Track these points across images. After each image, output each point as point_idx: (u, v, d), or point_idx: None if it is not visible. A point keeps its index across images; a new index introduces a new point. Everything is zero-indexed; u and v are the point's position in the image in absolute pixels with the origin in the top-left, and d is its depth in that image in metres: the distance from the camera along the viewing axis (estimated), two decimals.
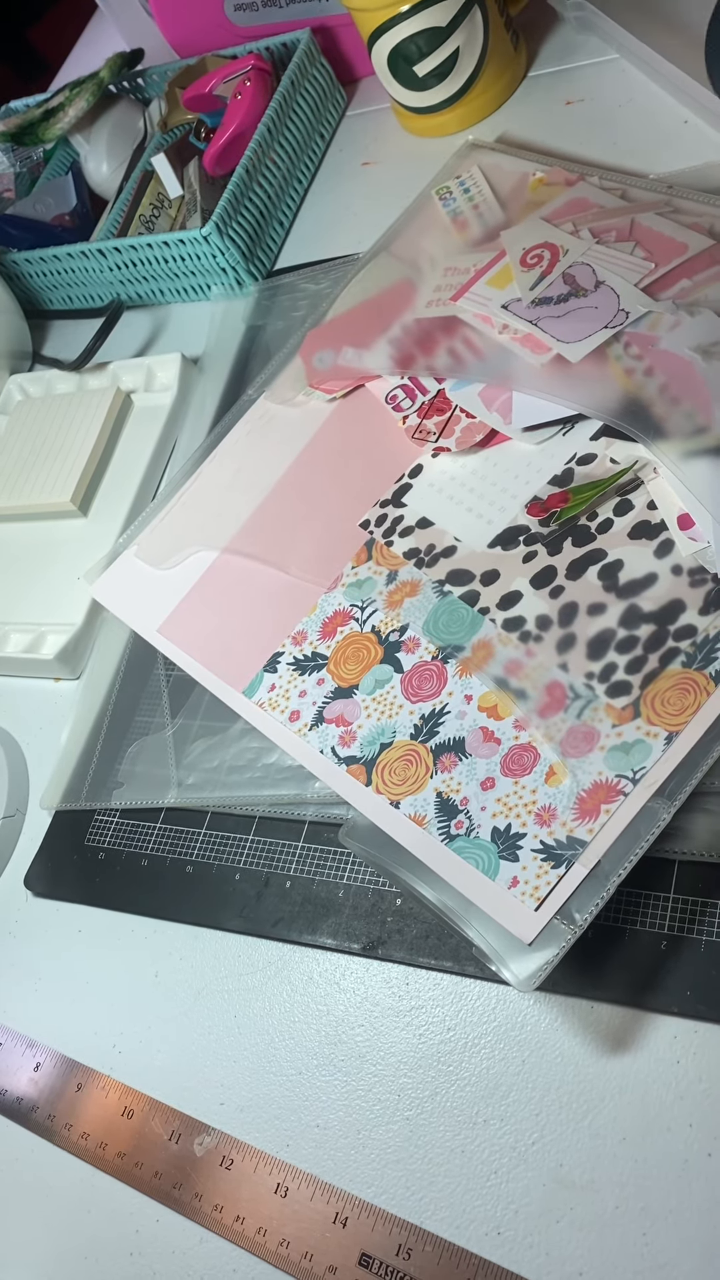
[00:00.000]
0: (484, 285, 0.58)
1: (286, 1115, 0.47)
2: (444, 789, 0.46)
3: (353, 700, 0.50)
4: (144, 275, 0.83)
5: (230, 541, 0.59)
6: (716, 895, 0.42)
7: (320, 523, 0.57)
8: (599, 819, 0.42)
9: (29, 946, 0.59)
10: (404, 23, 0.70)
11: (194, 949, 0.54)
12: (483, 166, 0.67)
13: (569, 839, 0.43)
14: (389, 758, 0.48)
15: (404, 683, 0.50)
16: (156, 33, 0.96)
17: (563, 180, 0.62)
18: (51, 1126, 0.52)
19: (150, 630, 0.59)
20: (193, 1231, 0.47)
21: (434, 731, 0.48)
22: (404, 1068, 0.46)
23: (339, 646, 0.52)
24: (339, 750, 0.49)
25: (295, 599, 0.55)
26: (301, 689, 0.52)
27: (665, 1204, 0.39)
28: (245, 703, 0.54)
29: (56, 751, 0.63)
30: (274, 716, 0.52)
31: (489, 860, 0.44)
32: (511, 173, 0.65)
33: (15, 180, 0.99)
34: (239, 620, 0.57)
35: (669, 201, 0.57)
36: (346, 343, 0.61)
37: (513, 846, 0.44)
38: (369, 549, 0.55)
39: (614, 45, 0.73)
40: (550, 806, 0.44)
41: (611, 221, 0.57)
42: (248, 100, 0.80)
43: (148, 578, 0.61)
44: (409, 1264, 0.42)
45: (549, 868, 0.43)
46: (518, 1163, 0.42)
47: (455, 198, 0.66)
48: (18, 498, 0.76)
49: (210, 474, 0.64)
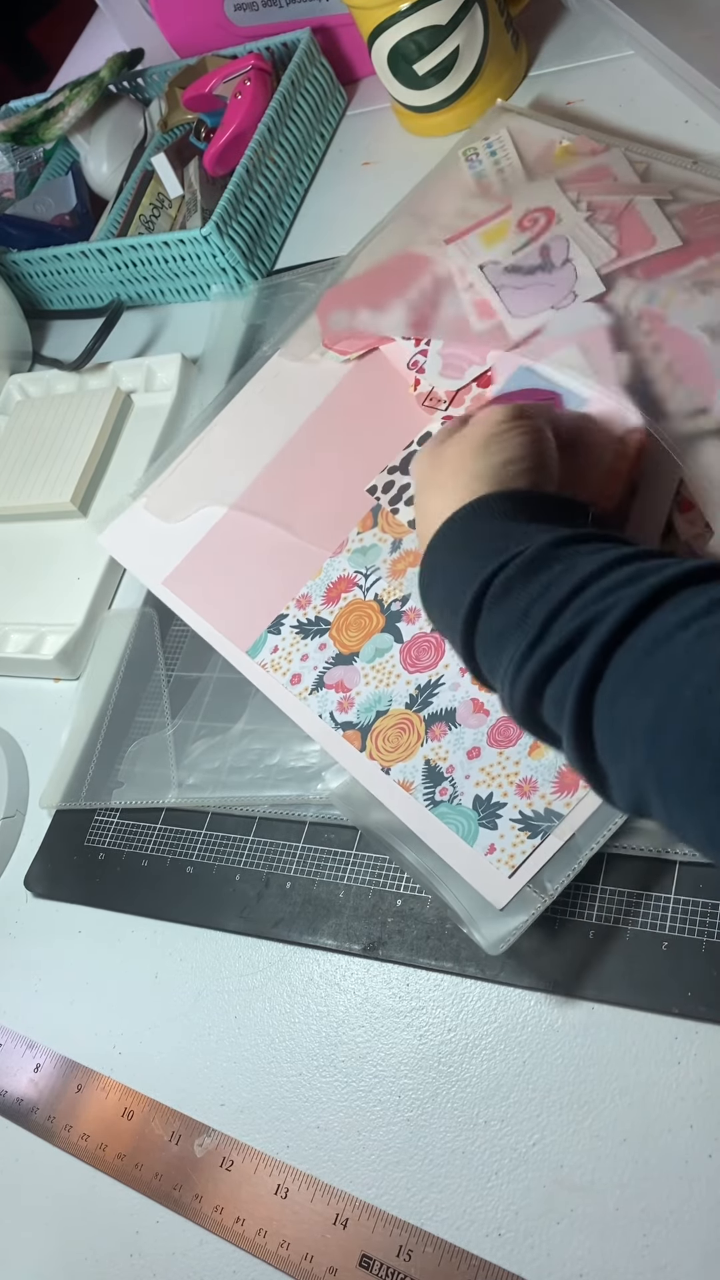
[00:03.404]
0: (476, 237, 0.58)
1: (287, 1116, 0.47)
2: (433, 757, 0.47)
3: (353, 667, 0.51)
4: (144, 275, 0.83)
5: (239, 499, 0.60)
6: (716, 896, 0.42)
7: (329, 485, 0.58)
8: (577, 793, 0.43)
9: (29, 947, 0.59)
10: (404, 20, 0.70)
11: (194, 949, 0.54)
12: (511, 130, 0.67)
13: (547, 811, 0.44)
14: (384, 725, 0.49)
15: (403, 653, 0.51)
16: (156, 33, 0.96)
17: (589, 149, 0.62)
18: (52, 1128, 0.52)
19: (155, 582, 0.60)
20: (193, 1233, 0.47)
21: (428, 701, 0.49)
22: (404, 1069, 0.46)
23: (342, 613, 0.53)
24: (337, 715, 0.51)
25: (301, 561, 0.56)
26: (304, 652, 0.53)
27: (666, 1205, 0.39)
28: (248, 662, 0.54)
29: (56, 751, 0.63)
30: (276, 678, 0.53)
31: (469, 827, 0.45)
32: (539, 139, 0.65)
33: (15, 180, 0.99)
34: (245, 579, 0.57)
35: (673, 190, 0.57)
36: (363, 304, 0.61)
37: (493, 815, 0.45)
38: (375, 515, 0.55)
39: (624, 39, 0.73)
40: (531, 779, 0.45)
41: (610, 199, 0.57)
42: (248, 100, 0.80)
43: (156, 530, 0.62)
44: (409, 1265, 0.41)
45: (525, 837, 0.44)
46: (518, 1164, 0.42)
47: (481, 159, 0.66)
48: (18, 498, 0.76)
49: (222, 429, 0.64)
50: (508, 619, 0.36)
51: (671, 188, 0.57)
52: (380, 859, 0.50)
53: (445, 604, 0.40)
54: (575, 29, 0.78)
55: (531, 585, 0.36)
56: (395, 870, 0.50)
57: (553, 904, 0.45)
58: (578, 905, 0.45)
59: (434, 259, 0.59)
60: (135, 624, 0.65)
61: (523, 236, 0.57)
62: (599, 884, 0.45)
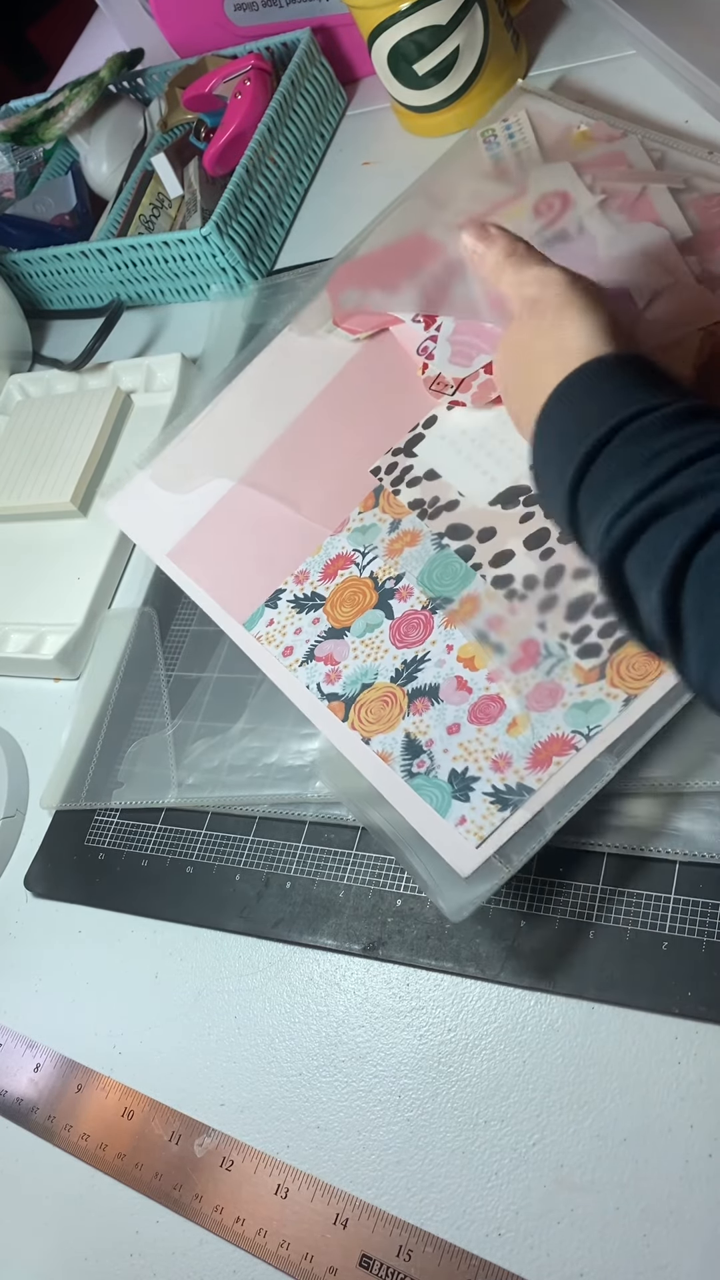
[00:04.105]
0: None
1: (287, 1116, 0.47)
2: (413, 730, 0.48)
3: (343, 641, 0.52)
4: (144, 275, 0.83)
5: (246, 473, 0.60)
6: (717, 896, 0.42)
7: (333, 464, 0.58)
8: (549, 769, 0.44)
9: (29, 947, 0.59)
10: (404, 20, 0.70)
11: (194, 949, 0.54)
12: (530, 113, 0.67)
13: (519, 785, 0.44)
14: (368, 697, 0.50)
15: (393, 629, 0.51)
16: (156, 33, 0.96)
17: (606, 136, 0.63)
18: (52, 1127, 0.52)
19: (160, 554, 0.60)
20: (193, 1233, 0.47)
21: (413, 676, 0.49)
22: (404, 1069, 0.46)
23: (337, 589, 0.54)
24: (323, 686, 0.51)
25: (302, 538, 0.56)
26: (298, 626, 0.54)
27: (666, 1205, 0.39)
28: (244, 634, 0.55)
29: (56, 751, 0.63)
30: (269, 650, 0.53)
31: (442, 799, 0.46)
32: (557, 123, 0.65)
33: (15, 180, 0.99)
34: (247, 553, 0.58)
35: (686, 179, 0.57)
36: (374, 283, 0.61)
37: (466, 788, 0.45)
38: (377, 496, 0.56)
39: (626, 38, 0.73)
40: (507, 754, 0.45)
41: (625, 186, 0.57)
42: (248, 100, 0.80)
43: (161, 501, 0.62)
44: (410, 1265, 0.41)
45: (495, 810, 0.44)
46: (519, 1164, 0.42)
47: (499, 141, 0.66)
48: (18, 498, 0.76)
49: (230, 402, 0.64)
50: (628, 463, 0.36)
51: (685, 176, 0.58)
52: (380, 859, 0.50)
53: (559, 451, 0.40)
54: (575, 28, 0.78)
55: (665, 436, 0.36)
56: (395, 870, 0.50)
57: (553, 904, 0.45)
58: (578, 905, 0.45)
59: (447, 244, 0.59)
60: (135, 624, 0.65)
61: (538, 222, 0.57)
62: (599, 884, 0.45)
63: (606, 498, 0.36)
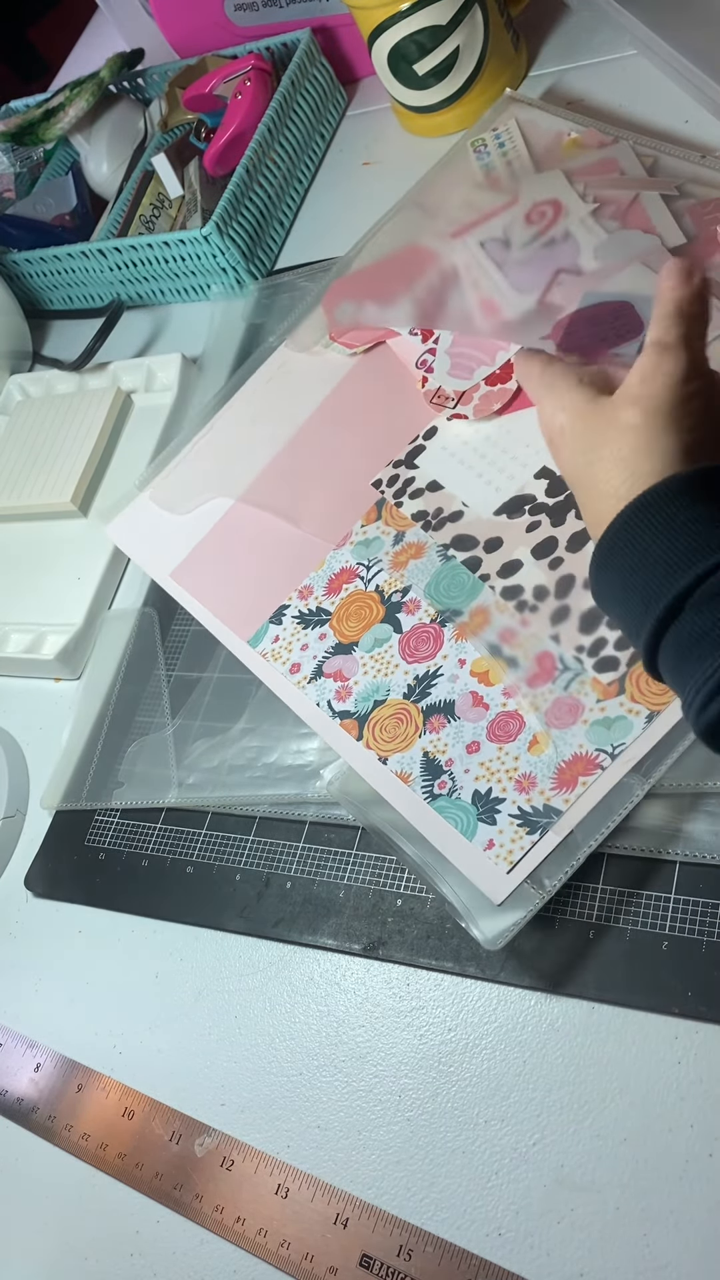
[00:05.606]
0: (483, 231, 0.58)
1: (287, 1116, 0.47)
2: (431, 749, 0.47)
3: (352, 657, 0.52)
4: (144, 275, 0.83)
5: (245, 491, 0.60)
6: (717, 896, 0.42)
7: (334, 478, 0.58)
8: (575, 790, 0.43)
9: (29, 947, 0.59)
10: (404, 20, 0.70)
11: (194, 949, 0.54)
12: (520, 121, 0.67)
13: (546, 807, 0.44)
14: (381, 714, 0.49)
15: (402, 643, 0.51)
16: (156, 33, 0.96)
17: (597, 142, 0.62)
18: (52, 1127, 0.52)
19: (163, 575, 0.60)
20: (193, 1232, 0.47)
21: (426, 692, 0.49)
22: (405, 1068, 0.46)
23: (343, 604, 0.53)
24: (334, 704, 0.51)
25: (305, 553, 0.56)
26: (304, 642, 0.53)
27: (666, 1205, 0.39)
28: (249, 652, 0.55)
29: (56, 751, 0.63)
30: (276, 667, 0.53)
31: (468, 821, 0.45)
32: (547, 131, 0.65)
33: (15, 180, 0.99)
34: (249, 571, 0.57)
35: (679, 185, 0.57)
36: (369, 297, 0.61)
37: (491, 810, 0.45)
38: (379, 509, 0.55)
39: (626, 38, 0.73)
40: (530, 774, 0.45)
41: (617, 192, 0.57)
42: (248, 100, 0.80)
43: (162, 522, 0.62)
44: (410, 1265, 0.41)
45: (524, 833, 0.44)
46: (519, 1163, 0.42)
47: (489, 151, 0.66)
48: (18, 498, 0.76)
49: (228, 421, 0.64)
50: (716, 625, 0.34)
51: (678, 183, 0.57)
52: (380, 859, 0.50)
53: (630, 594, 0.38)
54: (576, 28, 0.78)
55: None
56: (396, 870, 0.50)
57: (553, 903, 0.45)
58: (578, 905, 0.45)
59: (440, 253, 0.59)
60: (135, 624, 0.65)
61: (530, 230, 0.57)
62: (599, 883, 0.45)
63: (698, 659, 0.35)
